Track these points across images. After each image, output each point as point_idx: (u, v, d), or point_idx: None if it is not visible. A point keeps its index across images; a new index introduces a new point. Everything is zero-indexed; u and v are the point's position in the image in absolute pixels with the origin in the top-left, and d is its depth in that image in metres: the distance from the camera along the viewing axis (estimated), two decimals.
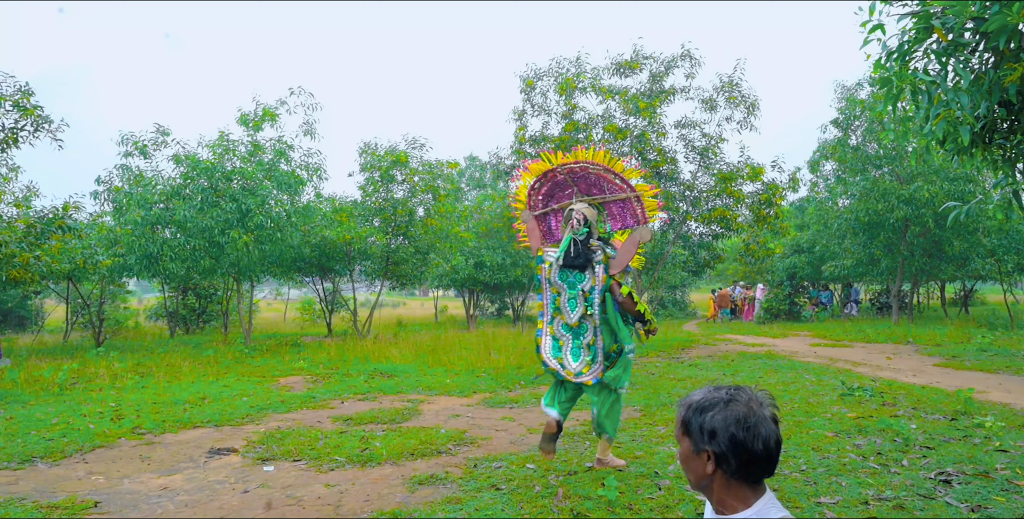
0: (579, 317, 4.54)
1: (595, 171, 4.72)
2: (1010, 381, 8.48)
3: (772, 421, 1.47)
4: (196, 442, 5.72)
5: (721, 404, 1.48)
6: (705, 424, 1.48)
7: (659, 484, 4.15)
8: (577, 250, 4.51)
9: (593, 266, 4.51)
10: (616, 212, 4.82)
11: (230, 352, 12.65)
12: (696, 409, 1.51)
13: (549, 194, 4.98)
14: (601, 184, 4.79)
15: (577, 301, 4.53)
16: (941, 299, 26.30)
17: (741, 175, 12.52)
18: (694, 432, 1.50)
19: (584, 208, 4.60)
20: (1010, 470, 4.33)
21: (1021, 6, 3.01)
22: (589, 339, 4.55)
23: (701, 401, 1.52)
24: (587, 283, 4.51)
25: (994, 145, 3.95)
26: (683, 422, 1.54)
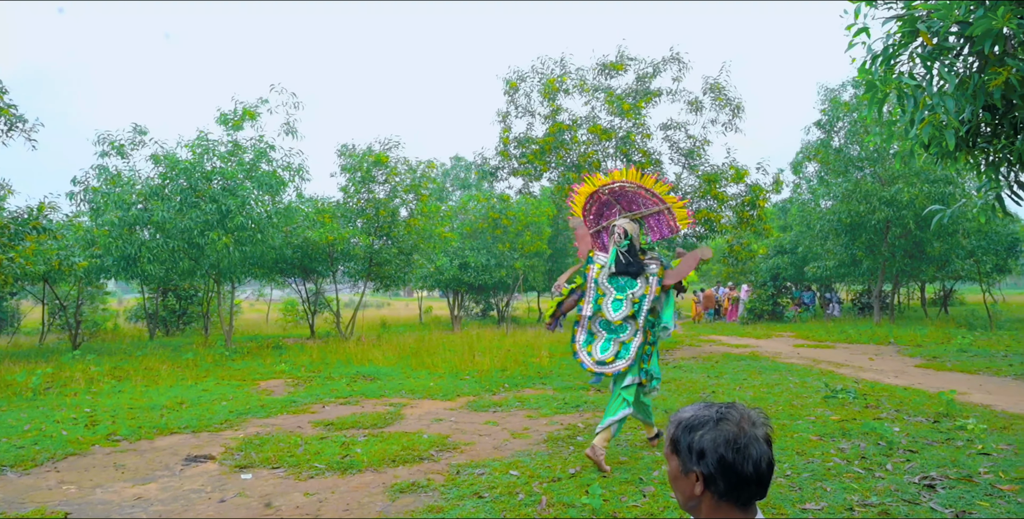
0: (622, 317, 5.00)
1: (631, 188, 5.27)
2: (990, 382, 8.55)
3: (764, 442, 1.40)
4: (172, 449, 5.60)
5: (711, 423, 1.41)
6: (694, 443, 1.41)
7: (644, 491, 4.10)
8: (627, 259, 5.06)
9: (647, 276, 5.07)
10: (653, 224, 5.39)
11: (210, 355, 12.47)
12: (685, 427, 1.44)
13: (599, 213, 5.54)
14: (637, 200, 5.33)
15: (624, 303, 5.02)
16: (921, 299, 26.58)
17: (725, 177, 12.54)
18: (682, 451, 1.43)
19: (625, 223, 5.16)
20: (993, 474, 4.33)
21: (1006, 10, 2.99)
22: (627, 338, 5.00)
23: (691, 419, 1.45)
24: (639, 290, 5.04)
25: (977, 149, 3.95)
26: (672, 440, 1.47)
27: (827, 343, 14.37)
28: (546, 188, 15.88)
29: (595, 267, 5.21)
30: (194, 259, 13.29)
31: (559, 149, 12.60)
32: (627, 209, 5.41)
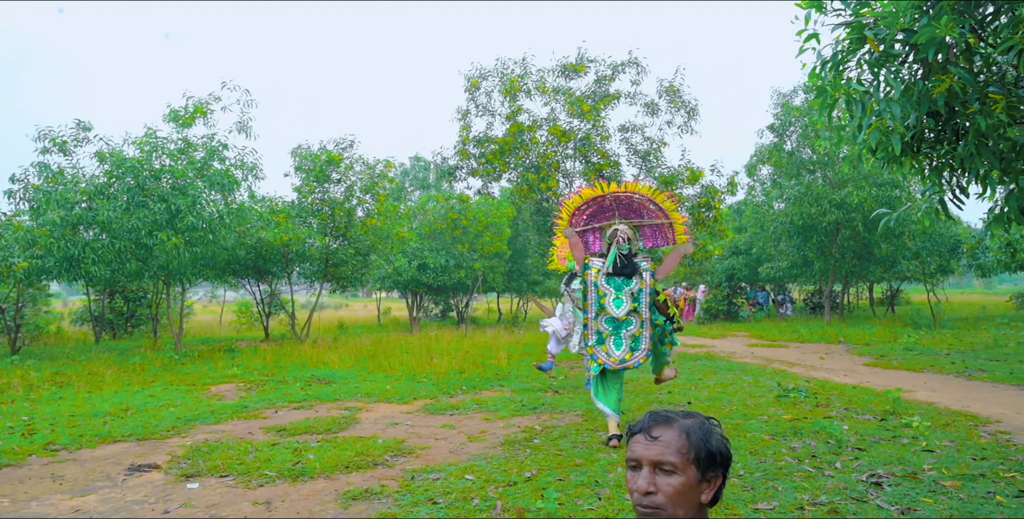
0: (626, 313, 5.49)
1: (638, 200, 5.82)
2: (934, 380, 8.82)
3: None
4: (115, 458, 5.39)
5: (707, 424, 1.44)
6: (713, 447, 1.41)
7: (599, 494, 4.09)
8: (624, 262, 5.50)
9: (641, 273, 5.56)
10: (649, 233, 5.96)
11: (158, 359, 12.10)
12: (705, 432, 1.42)
13: (593, 215, 5.96)
14: (640, 210, 5.87)
15: (624, 300, 5.49)
16: (870, 299, 27.40)
17: (681, 178, 12.70)
18: (705, 457, 1.39)
19: (626, 229, 5.58)
20: (936, 471, 4.44)
21: (948, 19, 3.07)
22: (635, 331, 5.55)
23: (700, 423, 1.44)
24: (635, 286, 5.53)
25: (922, 154, 4.05)
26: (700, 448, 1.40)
27: (780, 343, 14.67)
28: (506, 189, 15.86)
29: (592, 271, 5.60)
30: (142, 260, 12.88)
31: (519, 150, 12.59)
32: (625, 216, 5.89)
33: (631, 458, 1.43)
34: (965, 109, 3.37)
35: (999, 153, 3.67)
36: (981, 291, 55.69)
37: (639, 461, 1.40)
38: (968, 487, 4.09)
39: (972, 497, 3.91)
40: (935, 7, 3.31)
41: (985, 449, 5.03)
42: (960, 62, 3.46)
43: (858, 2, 3.55)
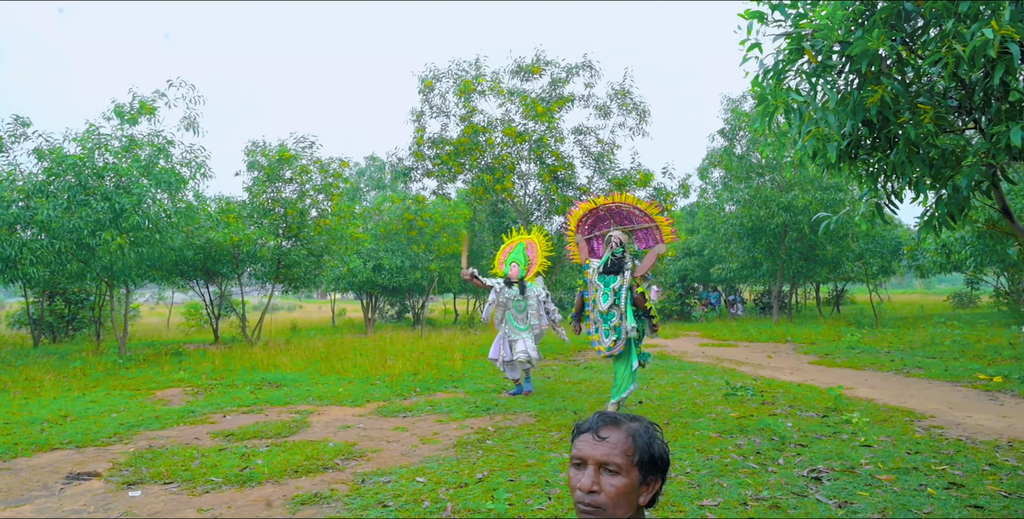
0: (608, 306, 6.35)
1: (627, 208, 6.78)
2: (875, 377, 9.15)
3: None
4: (53, 466, 5.20)
5: (652, 429, 1.47)
6: (655, 452, 1.44)
7: (549, 493, 4.13)
8: (613, 262, 6.41)
9: (624, 272, 6.38)
10: (641, 236, 6.85)
11: (101, 363, 11.71)
12: (650, 436, 1.46)
13: (593, 224, 7.02)
14: (631, 217, 6.82)
15: (608, 296, 6.36)
16: (817, 299, 28.22)
17: (633, 180, 12.88)
18: (646, 462, 1.43)
19: (619, 234, 6.52)
20: (873, 465, 4.62)
21: (880, 33, 3.20)
22: (615, 322, 6.37)
23: (642, 428, 1.47)
24: (617, 283, 6.37)
25: (859, 160, 4.21)
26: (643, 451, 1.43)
27: (730, 342, 15.00)
28: (462, 190, 15.85)
29: (590, 271, 6.60)
30: (84, 261, 12.45)
31: (474, 151, 12.59)
32: (619, 223, 6.89)
33: (577, 456, 1.44)
34: (896, 119, 3.51)
35: (929, 160, 3.84)
36: (921, 291, 57.95)
37: (585, 460, 1.42)
38: (902, 480, 4.26)
39: (905, 490, 4.08)
40: (868, 21, 3.45)
41: (919, 443, 5.25)
42: (893, 73, 3.61)
43: (797, 14, 3.67)
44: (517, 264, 7.97)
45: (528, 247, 8.30)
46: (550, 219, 14.69)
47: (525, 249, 8.28)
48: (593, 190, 13.22)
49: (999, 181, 3.83)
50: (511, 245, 8.39)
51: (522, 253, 8.23)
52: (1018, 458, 4.79)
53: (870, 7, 3.54)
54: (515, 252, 8.26)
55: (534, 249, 8.25)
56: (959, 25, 3.19)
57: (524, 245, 8.32)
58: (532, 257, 8.16)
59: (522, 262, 8.05)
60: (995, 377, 8.40)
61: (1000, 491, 4.03)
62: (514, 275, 7.87)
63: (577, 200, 13.47)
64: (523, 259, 8.12)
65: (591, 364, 10.99)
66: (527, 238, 8.39)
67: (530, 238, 8.37)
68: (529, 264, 8.09)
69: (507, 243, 8.44)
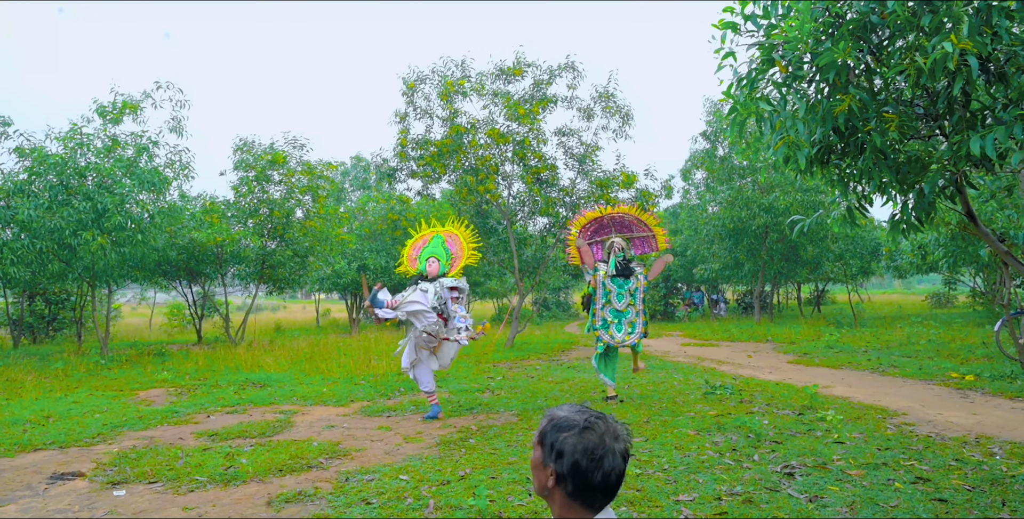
0: (625, 305, 7.36)
1: (629, 218, 7.85)
2: (851, 376, 9.34)
3: (621, 456, 1.51)
4: (36, 467, 5.22)
5: (577, 428, 1.51)
6: (556, 443, 1.52)
7: (530, 490, 4.22)
8: (623, 266, 7.34)
9: (637, 276, 7.42)
10: (638, 243, 7.86)
11: (83, 364, 11.67)
12: (555, 426, 1.55)
13: (595, 231, 7.90)
14: (631, 226, 7.85)
15: (624, 296, 7.37)
16: (798, 299, 28.57)
17: (616, 182, 13.01)
18: (546, 446, 1.54)
19: (620, 241, 7.43)
20: (845, 461, 4.76)
21: (846, 45, 3.32)
22: (632, 319, 7.41)
23: (562, 419, 1.55)
24: (633, 285, 7.39)
25: (831, 165, 4.34)
26: (540, 433, 1.58)
27: (712, 342, 15.18)
28: (446, 191, 15.93)
29: (600, 274, 7.37)
30: (65, 261, 12.38)
31: (457, 152, 12.66)
32: (619, 231, 7.85)
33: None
34: (864, 127, 3.65)
35: (896, 166, 3.97)
36: (901, 291, 58.73)
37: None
38: (871, 475, 4.40)
39: (874, 484, 4.22)
40: (836, 32, 3.58)
41: (890, 440, 5.40)
42: (861, 82, 3.74)
43: (769, 25, 3.79)
44: (437, 259, 7.01)
45: (448, 240, 7.29)
46: (534, 220, 14.79)
47: (444, 242, 7.26)
48: (576, 191, 13.32)
49: (963, 187, 3.98)
50: (423, 239, 7.36)
51: (441, 247, 7.22)
52: (984, 454, 4.95)
53: (838, 19, 3.67)
54: (432, 246, 7.24)
55: (456, 242, 7.25)
56: (921, 38, 3.32)
57: (443, 238, 7.30)
58: (455, 251, 7.20)
59: (442, 256, 7.10)
60: (967, 375, 8.61)
61: (964, 485, 4.18)
62: (433, 272, 6.89)
63: (560, 202, 13.61)
64: (443, 253, 7.14)
65: (574, 364, 11.11)
66: (444, 231, 7.41)
67: (449, 230, 7.40)
68: (452, 259, 7.13)
69: (416, 237, 7.44)
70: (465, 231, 7.35)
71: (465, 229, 7.41)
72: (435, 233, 7.37)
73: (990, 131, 3.31)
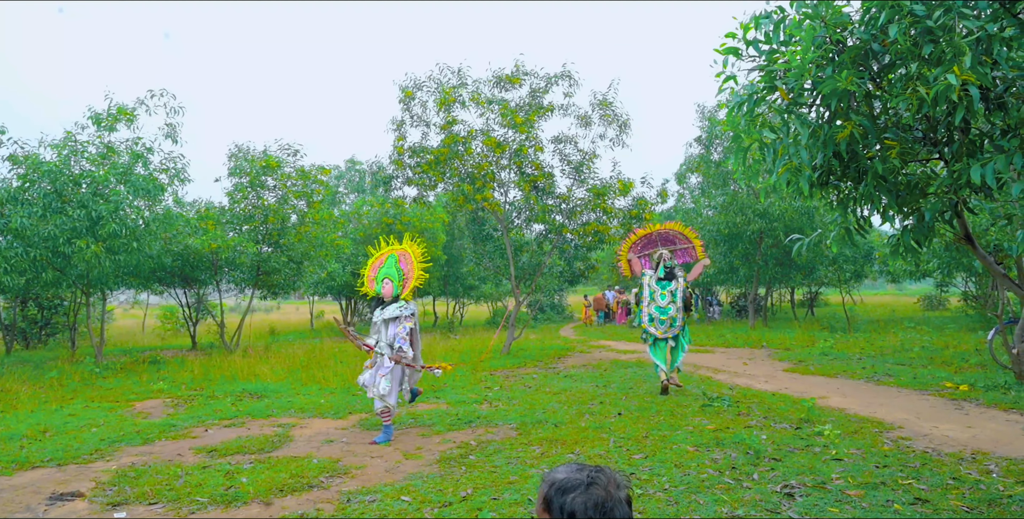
0: (667, 303, 8.80)
1: (673, 233, 9.61)
2: (846, 385, 9.39)
3: (627, 504, 1.57)
4: (34, 486, 5.20)
5: (582, 487, 1.56)
6: (566, 506, 1.54)
7: (532, 512, 4.23)
8: (666, 271, 8.93)
9: (678, 279, 8.90)
10: (680, 253, 9.57)
11: (77, 372, 11.61)
12: (558, 489, 1.58)
13: (644, 245, 9.69)
14: (674, 239, 9.60)
15: (667, 296, 8.82)
16: (791, 302, 28.67)
17: (613, 190, 13.04)
18: (554, 510, 1.56)
19: (666, 252, 9.12)
20: (844, 479, 4.79)
21: (848, 73, 3.35)
22: (672, 314, 8.78)
23: (564, 482, 1.58)
24: (674, 286, 8.85)
25: (830, 186, 4.37)
26: (544, 499, 1.60)
27: (708, 348, 15.22)
28: (441, 195, 15.93)
29: (647, 278, 9.00)
30: (59, 269, 12.32)
31: (454, 160, 12.66)
32: (664, 244, 9.57)
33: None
34: (865, 153, 3.67)
35: (896, 190, 4.01)
36: (893, 292, 58.90)
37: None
38: (870, 496, 4.43)
39: (873, 505, 4.25)
40: (838, 59, 3.60)
41: (887, 456, 5.43)
42: (861, 109, 3.77)
43: (771, 50, 3.81)
44: (390, 280, 6.84)
45: (401, 259, 7.11)
46: (530, 227, 14.80)
47: (398, 262, 7.08)
48: (572, 199, 13.34)
49: (962, 212, 4.01)
50: (380, 259, 7.20)
51: (394, 267, 7.03)
52: (980, 471, 4.99)
53: (839, 46, 3.69)
54: (386, 266, 7.05)
55: (408, 261, 7.06)
56: (923, 67, 3.35)
57: (396, 257, 7.11)
58: (407, 270, 6.99)
59: (395, 277, 6.89)
60: (961, 385, 8.67)
61: (962, 506, 4.22)
62: (387, 294, 6.76)
63: (556, 209, 13.63)
64: (396, 273, 6.94)
65: (571, 372, 11.13)
66: (398, 249, 7.19)
67: (402, 248, 7.18)
68: (404, 279, 6.92)
69: (375, 256, 7.26)
70: (416, 248, 7.12)
71: (416, 246, 7.17)
72: (391, 251, 7.15)
73: (990, 160, 3.34)
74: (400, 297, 6.74)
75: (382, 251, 7.18)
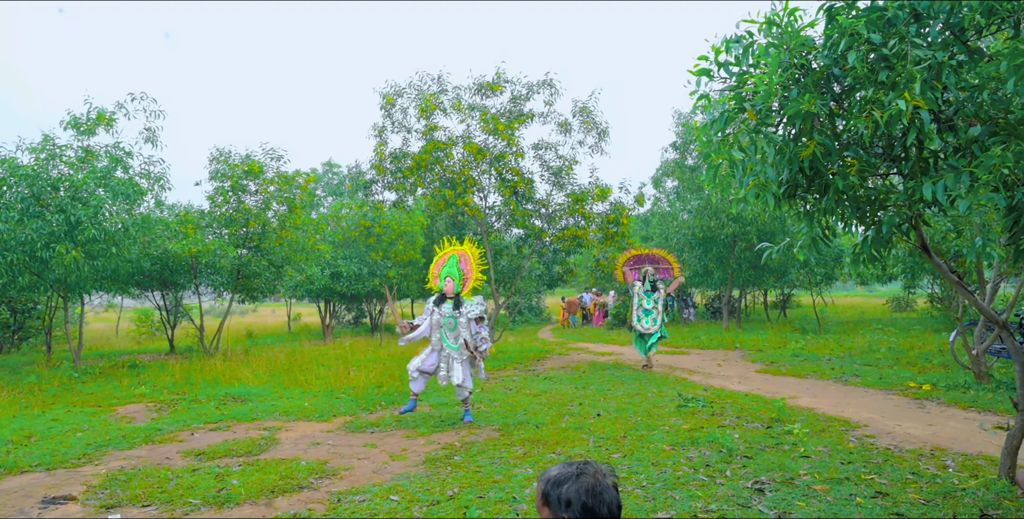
0: (651, 307, 11.59)
1: (657, 256, 12.29)
2: (816, 386, 9.73)
3: (614, 489, 1.81)
4: (25, 490, 5.28)
5: (573, 478, 1.80)
6: (562, 496, 1.78)
7: (517, 509, 4.44)
8: (652, 284, 11.69)
9: (660, 290, 11.72)
10: (662, 271, 12.10)
11: (56, 377, 11.56)
12: (554, 483, 1.82)
13: (636, 262, 12.33)
14: (658, 260, 12.22)
15: (652, 302, 11.65)
16: (764, 304, 29.23)
17: (591, 196, 13.31)
18: (552, 503, 1.79)
19: (651, 269, 11.84)
20: (811, 475, 5.06)
21: (811, 97, 3.61)
22: (656, 316, 11.60)
23: (557, 476, 1.83)
24: (656, 295, 11.69)
25: (797, 198, 4.64)
26: (543, 494, 1.83)
27: (682, 349, 15.55)
28: (420, 199, 16.09)
29: (637, 288, 11.83)
30: (37, 273, 12.25)
31: (435, 165, 12.84)
32: (650, 262, 12.20)
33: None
34: (827, 170, 3.94)
35: (856, 203, 4.28)
36: (863, 294, 60.09)
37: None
38: (835, 490, 4.71)
39: (838, 499, 4.52)
40: (802, 81, 3.87)
41: (852, 453, 5.73)
42: (824, 128, 4.04)
43: (741, 72, 4.07)
44: (452, 278, 7.53)
45: (461, 259, 7.76)
46: (509, 231, 15.02)
47: (459, 262, 7.74)
48: (551, 204, 13.59)
49: (918, 224, 4.30)
50: (443, 257, 7.86)
51: (456, 267, 7.70)
52: (938, 467, 5.30)
53: (803, 70, 3.96)
54: (448, 266, 7.73)
55: (467, 262, 7.71)
56: (879, 92, 3.62)
57: (457, 258, 7.77)
58: (466, 271, 7.65)
59: (456, 276, 7.58)
60: (924, 385, 9.05)
61: (920, 499, 4.51)
62: (449, 291, 7.46)
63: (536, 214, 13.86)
64: (457, 273, 7.62)
65: (551, 374, 11.35)
66: (459, 249, 7.83)
67: (462, 249, 7.82)
68: (464, 279, 7.61)
69: (439, 254, 7.92)
70: (475, 250, 7.76)
71: (476, 248, 7.82)
72: (453, 252, 7.80)
73: (941, 178, 3.63)
74: (460, 295, 7.53)
75: (445, 251, 7.90)
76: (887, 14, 3.70)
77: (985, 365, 9.00)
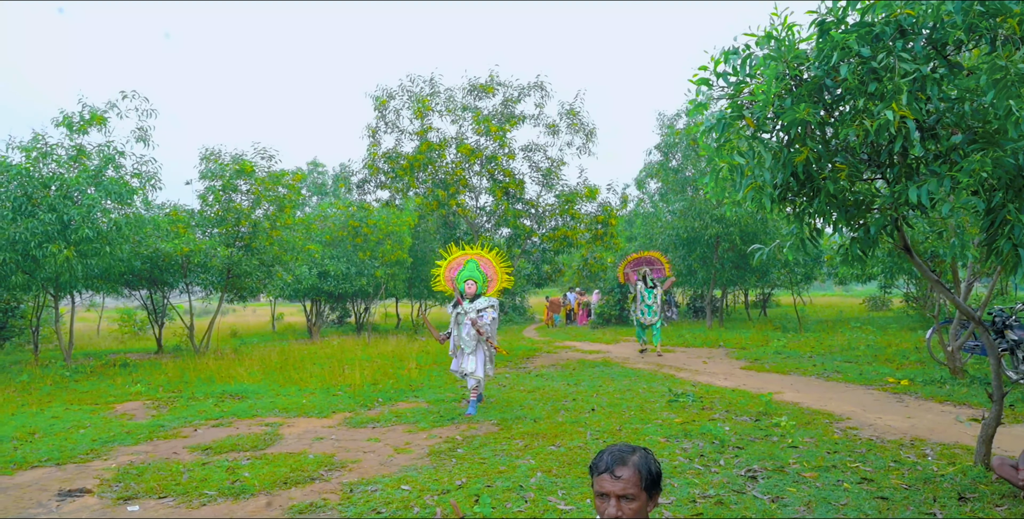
0: (652, 302, 13.52)
1: (653, 258, 14.33)
2: (799, 382, 10.05)
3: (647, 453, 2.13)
4: (39, 484, 5.39)
5: (648, 457, 2.06)
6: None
7: (525, 497, 4.65)
8: (651, 282, 13.60)
9: (657, 288, 13.60)
10: (656, 271, 14.04)
11: (48, 376, 11.57)
12: (644, 464, 2.02)
13: (636, 264, 14.21)
14: (653, 262, 14.28)
15: (651, 299, 13.55)
16: (745, 303, 29.74)
17: (580, 196, 13.57)
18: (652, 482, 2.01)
19: (648, 270, 13.72)
20: (799, 464, 5.34)
21: (806, 106, 3.87)
22: (656, 309, 13.53)
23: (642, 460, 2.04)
24: (656, 291, 13.58)
25: (788, 201, 4.90)
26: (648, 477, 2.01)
27: (668, 347, 15.84)
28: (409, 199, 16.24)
29: (640, 286, 13.56)
30: (28, 272, 12.23)
31: (428, 166, 13.02)
32: (647, 264, 14.00)
33: (600, 492, 2.03)
34: (819, 174, 4.21)
35: (844, 206, 4.55)
36: (840, 293, 61.06)
37: (608, 494, 1.99)
38: (823, 477, 4.98)
39: (826, 485, 4.79)
40: (797, 90, 4.13)
41: (837, 443, 6.02)
42: (817, 135, 4.30)
43: (738, 81, 4.32)
44: (474, 281, 7.95)
45: (482, 264, 8.18)
46: (499, 230, 15.24)
47: (479, 266, 8.16)
48: (541, 205, 13.83)
49: (901, 226, 4.58)
50: (457, 262, 8.22)
51: (477, 271, 8.13)
52: (918, 455, 5.60)
53: (797, 80, 4.22)
54: (467, 270, 8.14)
55: (490, 266, 8.16)
56: (869, 102, 3.89)
57: (477, 263, 8.17)
58: (491, 274, 8.14)
59: (480, 280, 8.02)
60: (902, 381, 9.40)
61: (902, 484, 4.79)
62: (470, 293, 7.91)
63: (526, 214, 14.09)
64: (480, 276, 8.06)
65: (541, 372, 11.58)
66: (474, 254, 8.24)
67: (480, 254, 8.24)
68: (488, 281, 8.11)
69: (450, 258, 8.27)
70: (496, 256, 8.25)
71: (495, 254, 8.31)
72: (468, 257, 8.22)
73: (925, 182, 3.90)
74: (484, 295, 8.03)
75: (455, 255, 8.31)
76: (875, 29, 3.97)
77: (960, 361, 9.37)
